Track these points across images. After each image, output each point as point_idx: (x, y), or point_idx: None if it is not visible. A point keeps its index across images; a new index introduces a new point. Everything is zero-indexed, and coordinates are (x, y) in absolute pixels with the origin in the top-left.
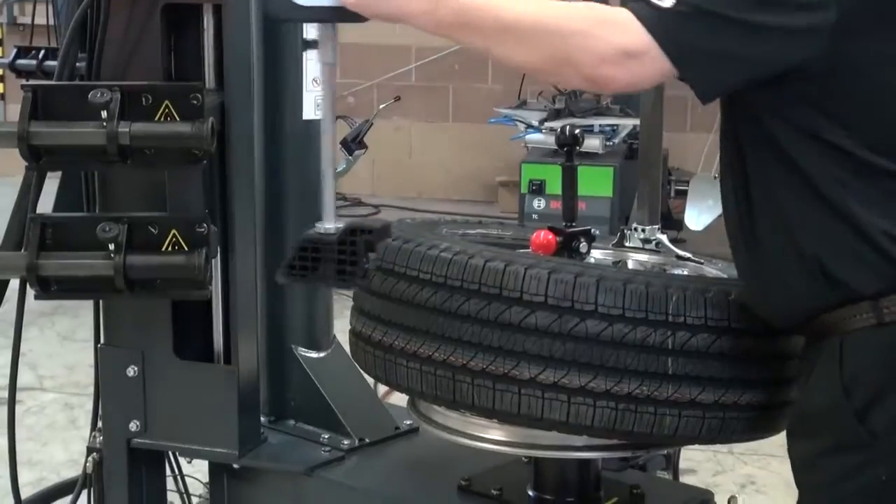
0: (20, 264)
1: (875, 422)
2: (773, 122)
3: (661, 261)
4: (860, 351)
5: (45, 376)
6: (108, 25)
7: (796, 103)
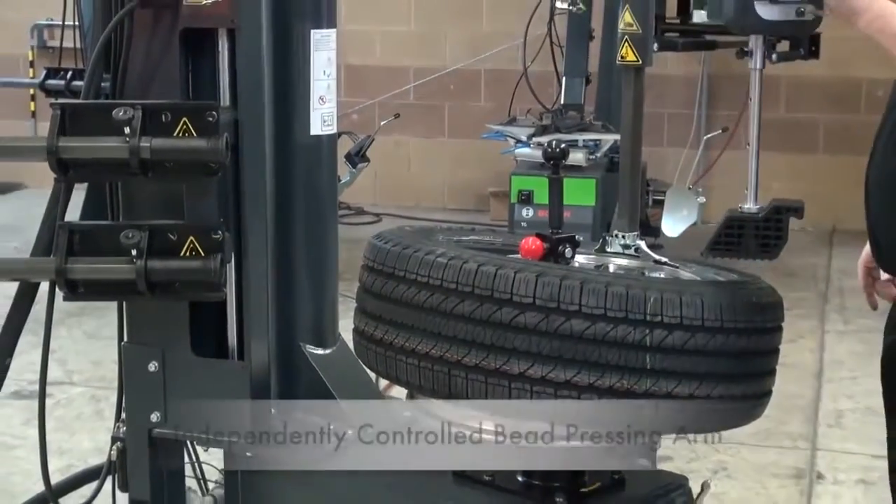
0: (50, 268)
1: None
2: None
3: (640, 265)
4: None
5: (73, 371)
6: (130, 48)
7: None
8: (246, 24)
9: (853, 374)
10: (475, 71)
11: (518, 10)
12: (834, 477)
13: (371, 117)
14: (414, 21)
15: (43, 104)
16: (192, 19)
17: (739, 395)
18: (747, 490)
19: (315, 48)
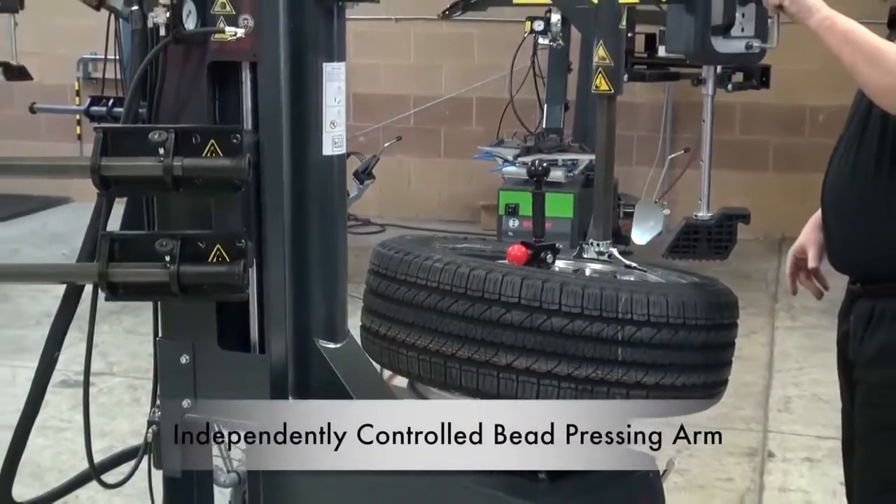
0: (93, 272)
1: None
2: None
3: (613, 269)
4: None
5: (113, 363)
6: (164, 79)
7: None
8: (266, 58)
9: (800, 365)
10: (467, 99)
11: (505, 45)
12: (783, 455)
13: (376, 139)
14: (414, 55)
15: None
16: (219, 54)
17: (700, 383)
18: (707, 467)
19: (327, 79)
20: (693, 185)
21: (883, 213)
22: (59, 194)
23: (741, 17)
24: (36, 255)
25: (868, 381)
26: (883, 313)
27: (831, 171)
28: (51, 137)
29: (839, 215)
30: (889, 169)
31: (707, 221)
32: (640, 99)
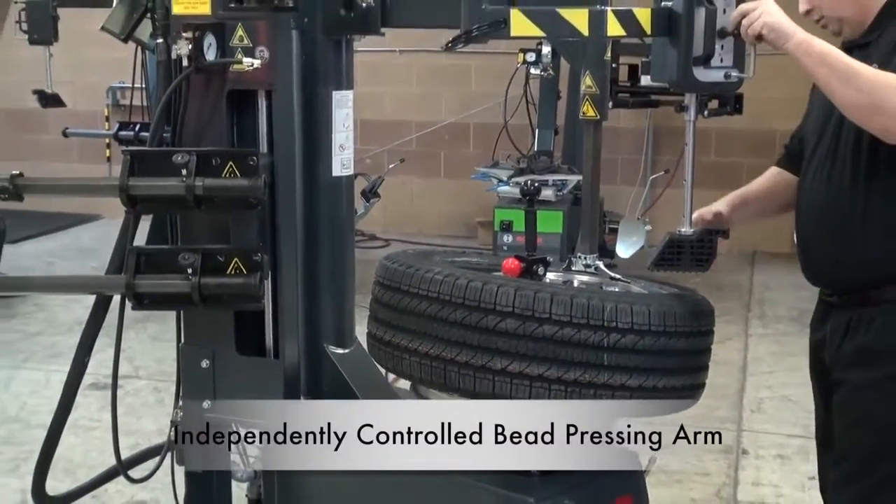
0: (121, 284)
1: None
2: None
3: (599, 281)
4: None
5: (139, 367)
6: (187, 106)
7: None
8: (280, 87)
9: (771, 369)
10: (465, 124)
11: (499, 75)
12: (756, 452)
13: (381, 161)
14: (416, 84)
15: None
16: (237, 83)
17: (680, 385)
18: (686, 463)
19: (336, 106)
20: (672, 203)
21: (860, 228)
22: (89, 212)
23: (720, 49)
24: (69, 267)
25: (850, 380)
26: (860, 319)
27: (805, 192)
28: (82, 159)
29: (818, 233)
30: (865, 185)
31: (689, 236)
32: (623, 124)
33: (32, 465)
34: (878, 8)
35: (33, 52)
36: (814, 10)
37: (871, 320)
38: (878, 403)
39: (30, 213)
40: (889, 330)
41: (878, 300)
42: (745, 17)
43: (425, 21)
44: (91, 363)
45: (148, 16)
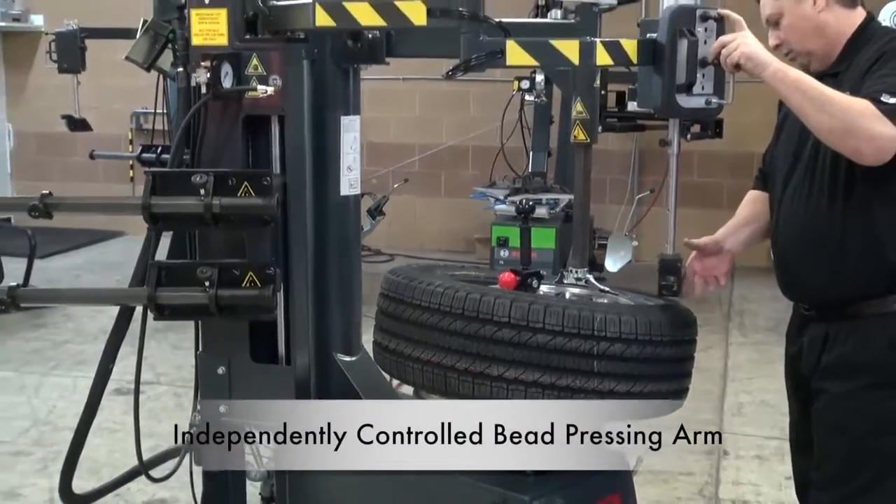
0: (143, 295)
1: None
2: (894, 176)
3: (589, 293)
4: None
5: (160, 374)
6: (205, 130)
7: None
8: (292, 112)
9: (750, 376)
10: (464, 147)
11: (497, 101)
12: (736, 453)
13: (386, 181)
14: (419, 109)
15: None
16: (252, 108)
17: (665, 391)
18: (671, 463)
19: (344, 130)
20: (656, 220)
21: (838, 246)
22: (114, 229)
23: (702, 77)
24: (94, 280)
25: (828, 390)
26: (837, 333)
27: (783, 212)
28: (107, 180)
29: (797, 251)
30: (843, 205)
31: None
32: (611, 147)
33: (60, 465)
34: (844, 42)
35: (62, 80)
36: (783, 45)
37: (849, 334)
38: (856, 413)
39: (59, 230)
40: (866, 343)
41: (854, 314)
42: (724, 48)
43: (427, 51)
44: (115, 370)
45: (169, 46)
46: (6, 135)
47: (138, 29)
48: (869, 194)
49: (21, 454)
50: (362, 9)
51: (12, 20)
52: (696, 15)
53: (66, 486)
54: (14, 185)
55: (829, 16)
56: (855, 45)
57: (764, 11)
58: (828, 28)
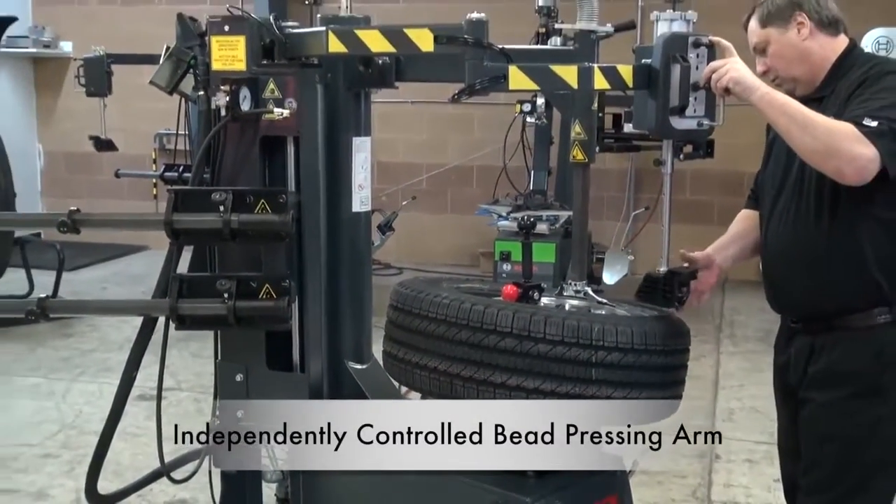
0: (165, 306)
1: (887, 383)
2: (877, 196)
3: (587, 304)
4: (882, 339)
5: (181, 381)
6: (224, 150)
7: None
8: (307, 134)
9: (741, 383)
10: (469, 166)
11: (500, 123)
12: (727, 457)
13: (396, 199)
14: (425, 131)
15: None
16: (269, 130)
17: (660, 397)
18: (665, 465)
19: (356, 150)
20: (652, 235)
21: (825, 263)
22: (138, 243)
23: (694, 101)
24: (119, 292)
25: (815, 399)
26: (823, 344)
27: (772, 230)
28: (132, 197)
29: (786, 267)
30: (829, 223)
31: (658, 275)
32: (608, 166)
33: (86, 467)
34: (828, 68)
35: (90, 103)
36: (770, 71)
37: (834, 345)
38: (842, 421)
39: (86, 244)
40: (851, 354)
41: (840, 327)
42: (714, 73)
43: (434, 76)
44: (138, 377)
45: (191, 71)
46: (37, 154)
47: (162, 55)
48: (853, 214)
49: (49, 456)
50: (373, 36)
51: (43, 46)
52: (689, 42)
53: (92, 487)
54: (44, 201)
55: (814, 44)
56: (838, 71)
57: (751, 39)
58: (812, 55)
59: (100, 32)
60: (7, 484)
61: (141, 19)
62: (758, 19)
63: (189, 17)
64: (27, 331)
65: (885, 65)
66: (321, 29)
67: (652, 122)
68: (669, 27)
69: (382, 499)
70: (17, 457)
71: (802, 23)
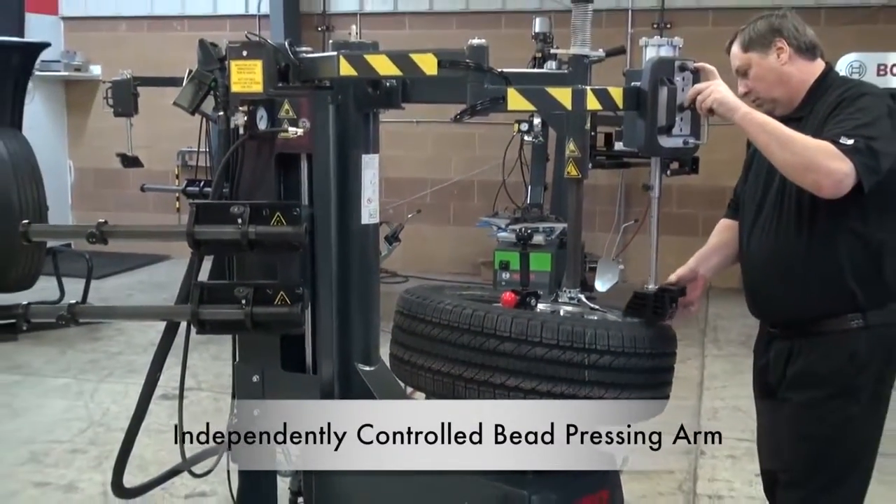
0: (187, 312)
1: (860, 384)
2: (852, 211)
3: (580, 310)
4: (855, 343)
5: (202, 381)
6: (243, 166)
7: (873, 201)
8: (319, 151)
9: (724, 384)
10: (470, 181)
11: (499, 141)
12: (711, 453)
13: (401, 212)
14: (430, 148)
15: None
16: (284, 147)
17: (650, 397)
18: (654, 461)
19: (365, 167)
20: (640, 246)
21: (802, 272)
22: (162, 253)
23: (680, 121)
24: (144, 298)
25: (793, 399)
26: (800, 349)
27: (753, 243)
28: (156, 210)
29: (765, 276)
30: (808, 235)
31: (649, 291)
32: (600, 182)
33: (113, 461)
34: (805, 90)
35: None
36: (751, 93)
37: (810, 349)
38: (818, 420)
39: (113, 254)
40: (827, 357)
41: (815, 331)
42: (699, 95)
43: (437, 98)
44: (161, 378)
45: (211, 93)
46: (67, 170)
47: (184, 78)
48: (830, 228)
49: (78, 452)
50: (381, 60)
51: (74, 70)
52: (675, 66)
53: (118, 481)
54: (74, 214)
55: (792, 68)
56: (815, 93)
57: (734, 63)
58: (791, 78)
59: (127, 57)
60: (39, 477)
61: (165, 45)
62: (740, 44)
63: (210, 42)
64: (58, 335)
65: (859, 87)
66: (333, 54)
67: (641, 141)
68: (657, 52)
69: (389, 491)
70: (48, 452)
71: (782, 48)
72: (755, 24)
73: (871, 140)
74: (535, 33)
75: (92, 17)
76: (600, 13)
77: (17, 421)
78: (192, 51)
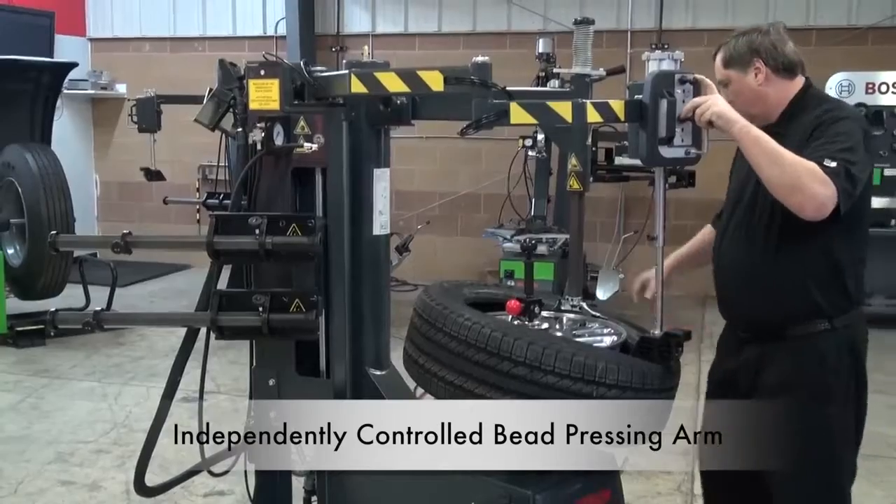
0: (207, 318)
1: (833, 385)
2: (821, 228)
3: (582, 318)
4: (823, 347)
5: (220, 384)
6: (260, 180)
7: (843, 222)
8: (333, 165)
9: None
10: (477, 194)
11: (504, 156)
12: None
13: (412, 223)
14: (438, 163)
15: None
16: (299, 162)
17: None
18: (653, 462)
19: (376, 180)
20: (640, 256)
21: (770, 279)
22: (182, 262)
23: (681, 132)
24: (166, 305)
25: (771, 406)
26: (773, 353)
27: (725, 249)
28: (178, 221)
29: (736, 283)
30: (776, 244)
31: (656, 338)
32: (601, 195)
33: (135, 461)
34: (784, 106)
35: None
36: (732, 104)
37: (782, 356)
38: (798, 424)
39: (136, 263)
40: (798, 362)
41: (784, 336)
42: (697, 108)
43: (445, 114)
44: (182, 381)
45: (230, 110)
46: (94, 184)
47: (205, 96)
48: (798, 242)
49: (102, 452)
50: (390, 78)
51: (100, 88)
52: (675, 79)
53: (140, 480)
54: (100, 225)
55: (769, 88)
56: (793, 109)
57: (717, 75)
58: (768, 98)
59: (151, 76)
60: (65, 476)
61: (187, 65)
62: (721, 60)
63: (229, 62)
64: (84, 340)
65: (836, 111)
66: (345, 72)
67: (643, 152)
68: (659, 66)
69: (399, 490)
70: (73, 452)
71: (759, 69)
72: (737, 41)
73: (850, 165)
74: (539, 53)
75: (118, 39)
76: (601, 34)
77: (44, 422)
78: (213, 70)
